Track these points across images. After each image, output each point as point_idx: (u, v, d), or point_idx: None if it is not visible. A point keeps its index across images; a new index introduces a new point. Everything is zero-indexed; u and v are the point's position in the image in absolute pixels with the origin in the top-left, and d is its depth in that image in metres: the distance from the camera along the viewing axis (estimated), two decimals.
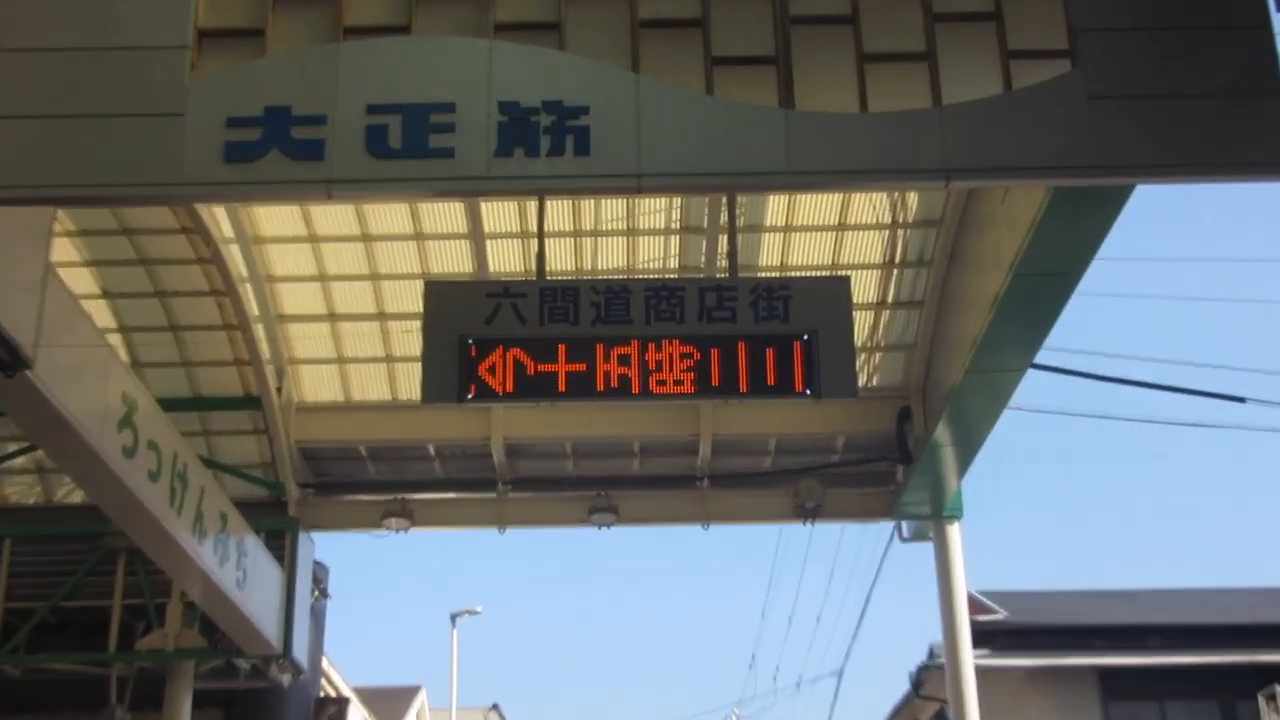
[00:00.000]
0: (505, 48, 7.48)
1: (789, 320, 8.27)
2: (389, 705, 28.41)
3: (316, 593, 16.16)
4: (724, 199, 11.72)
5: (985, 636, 17.32)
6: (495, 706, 37.20)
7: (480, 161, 7.21)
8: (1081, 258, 10.15)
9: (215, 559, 12.29)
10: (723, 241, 12.86)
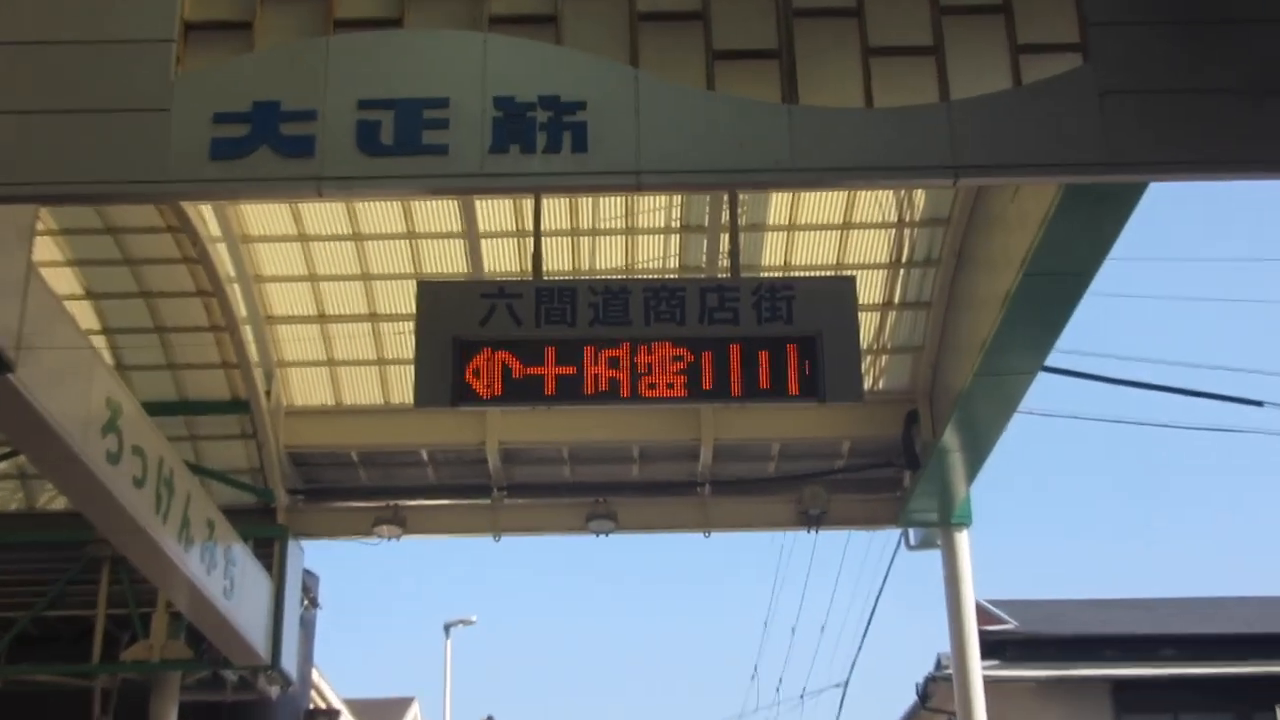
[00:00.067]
0: (500, 41, 7.48)
1: (792, 321, 8.25)
2: (380, 717, 28.40)
3: (306, 602, 16.16)
4: (725, 197, 11.71)
5: (995, 647, 17.35)
6: (490, 719, 37.25)
7: (475, 158, 7.21)
8: (1093, 257, 10.15)
9: (202, 567, 12.28)
10: (724, 240, 12.85)
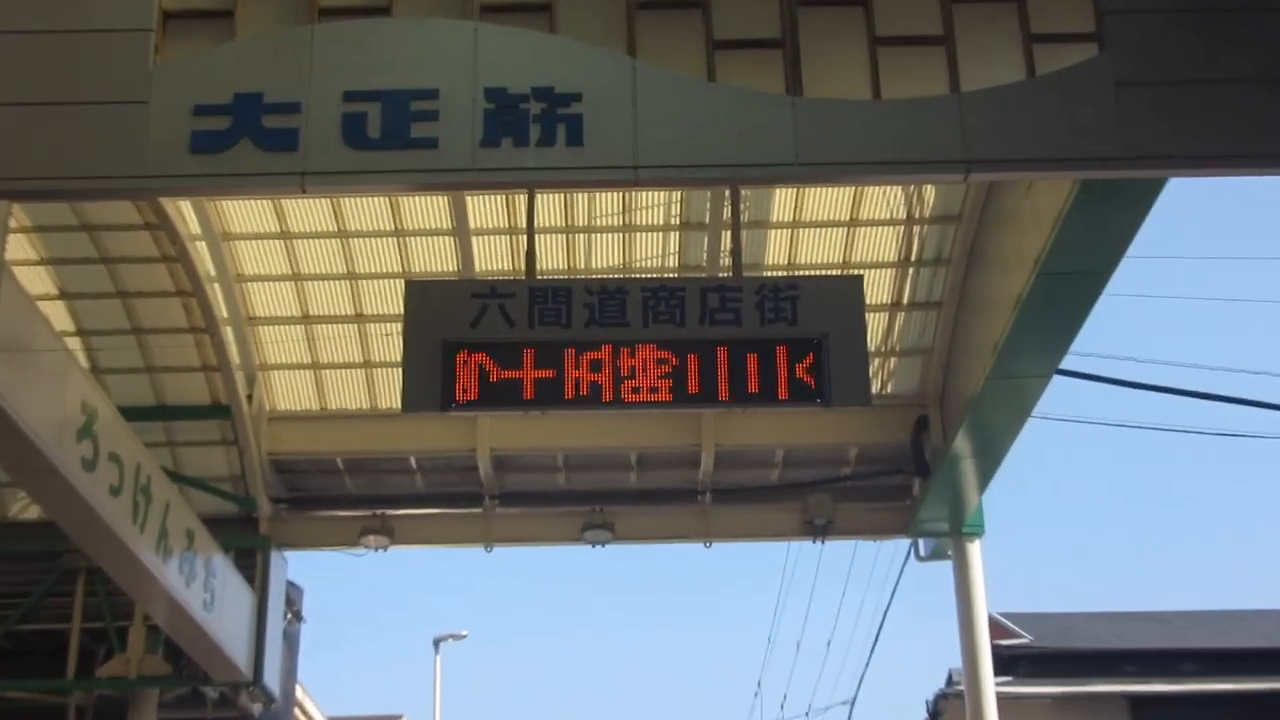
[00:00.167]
0: (492, 30, 7.50)
1: (797, 323, 8.24)
2: None
3: (289, 615, 16.15)
4: (726, 193, 11.67)
5: (1008, 662, 17.36)
6: None
7: (465, 152, 7.22)
8: (1110, 256, 10.16)
9: (181, 579, 12.29)
10: (725, 238, 12.86)
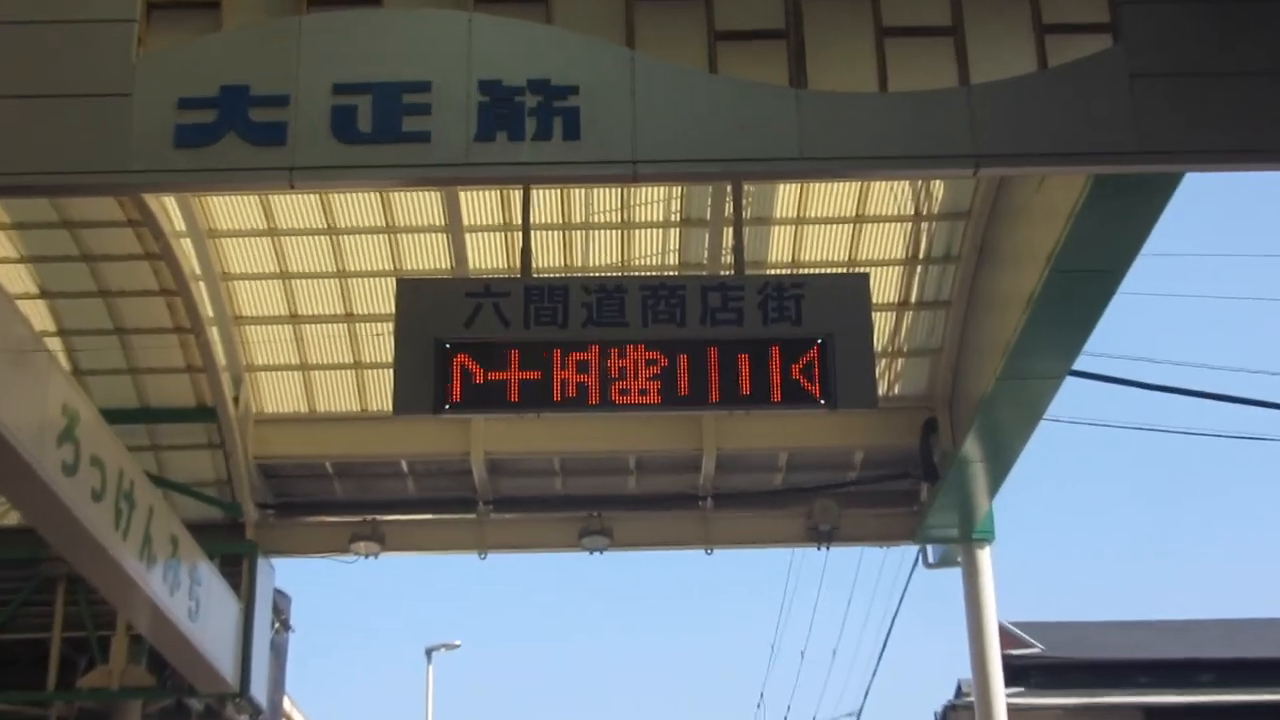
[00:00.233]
0: (486, 21, 7.50)
1: (801, 322, 8.24)
2: None
3: (277, 625, 16.14)
4: (728, 188, 11.73)
5: (1019, 672, 17.35)
6: None
7: (459, 146, 7.22)
8: (1126, 251, 10.16)
9: (165, 587, 12.28)
10: (727, 235, 12.86)
